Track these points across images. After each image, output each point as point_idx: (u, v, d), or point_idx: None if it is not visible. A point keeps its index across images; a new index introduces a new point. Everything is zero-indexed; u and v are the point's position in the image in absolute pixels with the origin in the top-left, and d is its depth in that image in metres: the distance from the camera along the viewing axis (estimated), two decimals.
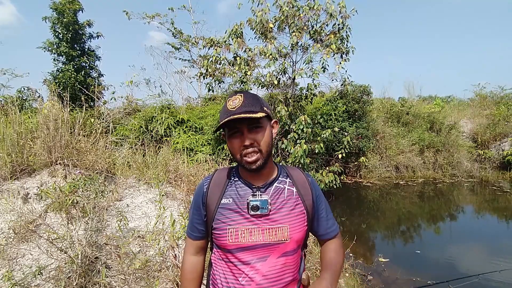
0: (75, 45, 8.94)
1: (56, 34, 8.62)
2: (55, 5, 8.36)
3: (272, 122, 1.02)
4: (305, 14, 5.59)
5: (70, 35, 8.57)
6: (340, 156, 5.91)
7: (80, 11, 8.82)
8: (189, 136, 7.43)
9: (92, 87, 8.23)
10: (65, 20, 8.38)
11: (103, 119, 5.17)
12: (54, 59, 8.83)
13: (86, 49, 9.30)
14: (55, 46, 8.64)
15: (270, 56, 5.23)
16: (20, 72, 9.35)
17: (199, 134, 7.64)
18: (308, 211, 1.01)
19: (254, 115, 0.90)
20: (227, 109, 0.93)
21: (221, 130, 0.99)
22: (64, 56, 8.71)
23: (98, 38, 9.51)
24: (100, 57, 9.62)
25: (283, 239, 0.95)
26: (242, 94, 0.96)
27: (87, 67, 9.23)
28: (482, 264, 3.94)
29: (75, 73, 8.59)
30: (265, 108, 0.96)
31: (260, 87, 6.10)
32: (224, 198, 0.99)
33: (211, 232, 1.01)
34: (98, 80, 9.34)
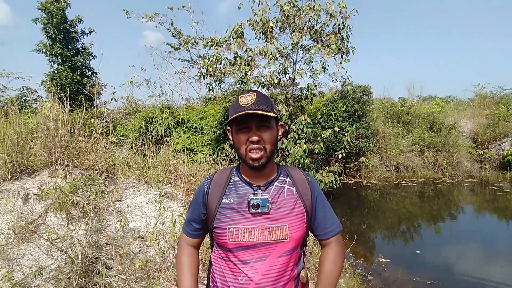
0: (69, 45, 8.89)
1: (49, 35, 8.56)
2: (43, 5, 8.28)
3: (278, 124, 1.04)
4: (306, 14, 5.60)
5: (62, 36, 8.51)
6: (340, 156, 5.90)
7: (68, 7, 8.73)
8: (189, 136, 7.44)
9: (89, 87, 8.22)
10: (55, 20, 8.31)
11: (103, 119, 5.18)
12: (49, 60, 8.79)
13: (79, 48, 9.23)
14: (48, 47, 8.59)
15: (270, 56, 5.24)
16: (19, 73, 9.32)
17: (199, 134, 7.65)
18: (308, 210, 1.02)
19: (266, 113, 0.93)
20: (239, 105, 0.95)
21: (226, 126, 1.01)
22: (58, 57, 8.66)
23: (90, 34, 9.40)
24: (95, 55, 9.57)
25: (282, 238, 0.96)
26: (255, 93, 0.98)
27: (83, 67, 9.18)
28: (482, 264, 3.94)
29: (71, 74, 8.56)
30: (274, 110, 0.99)
31: (260, 87, 6.10)
32: (224, 198, 1.00)
33: (211, 231, 1.02)
34: (95, 77, 9.29)
